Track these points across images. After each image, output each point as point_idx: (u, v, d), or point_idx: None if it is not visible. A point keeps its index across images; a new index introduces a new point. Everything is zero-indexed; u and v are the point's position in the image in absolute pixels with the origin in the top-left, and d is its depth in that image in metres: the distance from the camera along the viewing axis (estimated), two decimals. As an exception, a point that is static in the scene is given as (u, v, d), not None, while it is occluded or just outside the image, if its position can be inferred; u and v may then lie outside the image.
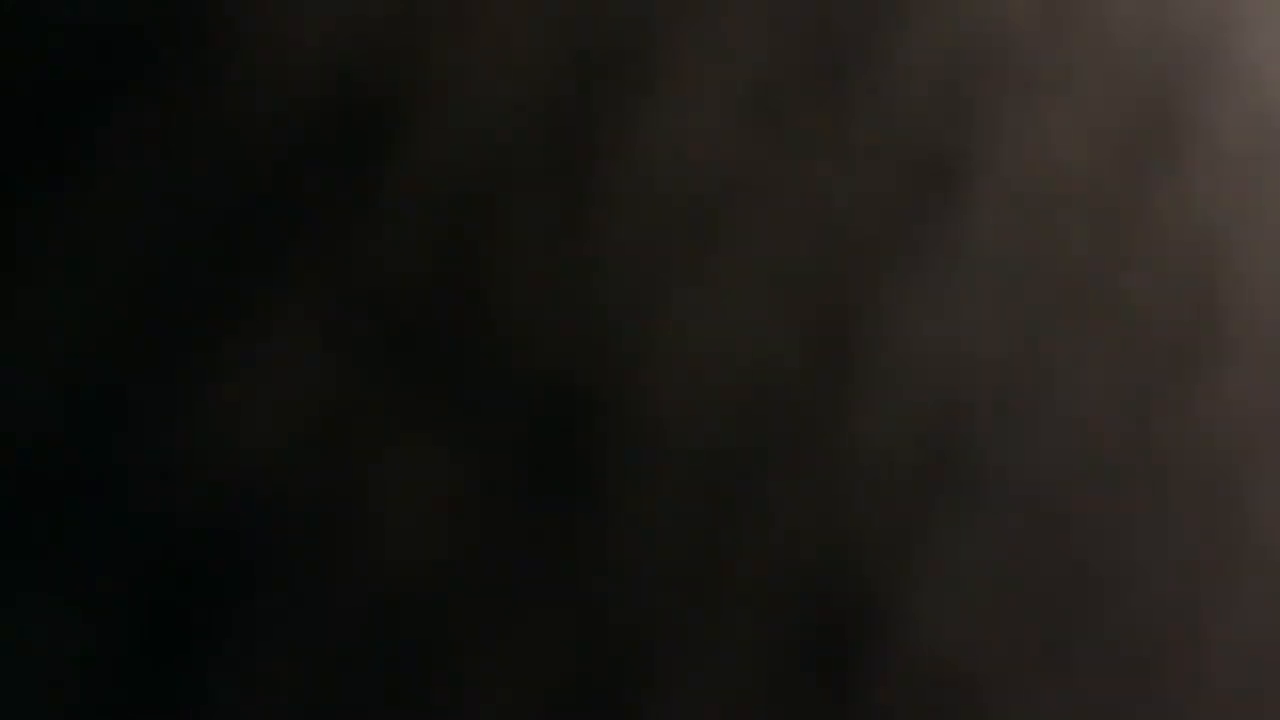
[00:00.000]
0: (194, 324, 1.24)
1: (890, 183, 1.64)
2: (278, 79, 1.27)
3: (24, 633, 1.16)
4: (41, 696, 1.16)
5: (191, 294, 1.24)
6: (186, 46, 1.24)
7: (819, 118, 1.58)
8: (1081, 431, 1.77)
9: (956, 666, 1.65)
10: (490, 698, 1.36)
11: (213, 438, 1.24)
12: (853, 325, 1.60)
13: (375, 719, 1.31)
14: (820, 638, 1.55)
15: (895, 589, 1.61)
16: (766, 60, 1.55)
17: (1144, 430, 1.83)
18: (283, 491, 1.27)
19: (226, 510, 1.24)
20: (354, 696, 1.30)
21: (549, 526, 1.40)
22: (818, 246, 1.58)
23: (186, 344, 1.23)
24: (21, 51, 1.17)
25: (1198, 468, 1.88)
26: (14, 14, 1.16)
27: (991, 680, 1.68)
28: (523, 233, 1.40)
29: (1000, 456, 1.70)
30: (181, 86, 1.23)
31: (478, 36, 1.38)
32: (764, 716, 1.52)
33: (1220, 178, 1.91)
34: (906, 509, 1.63)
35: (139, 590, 1.20)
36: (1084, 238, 1.79)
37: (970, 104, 1.70)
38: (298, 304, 1.28)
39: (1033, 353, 1.74)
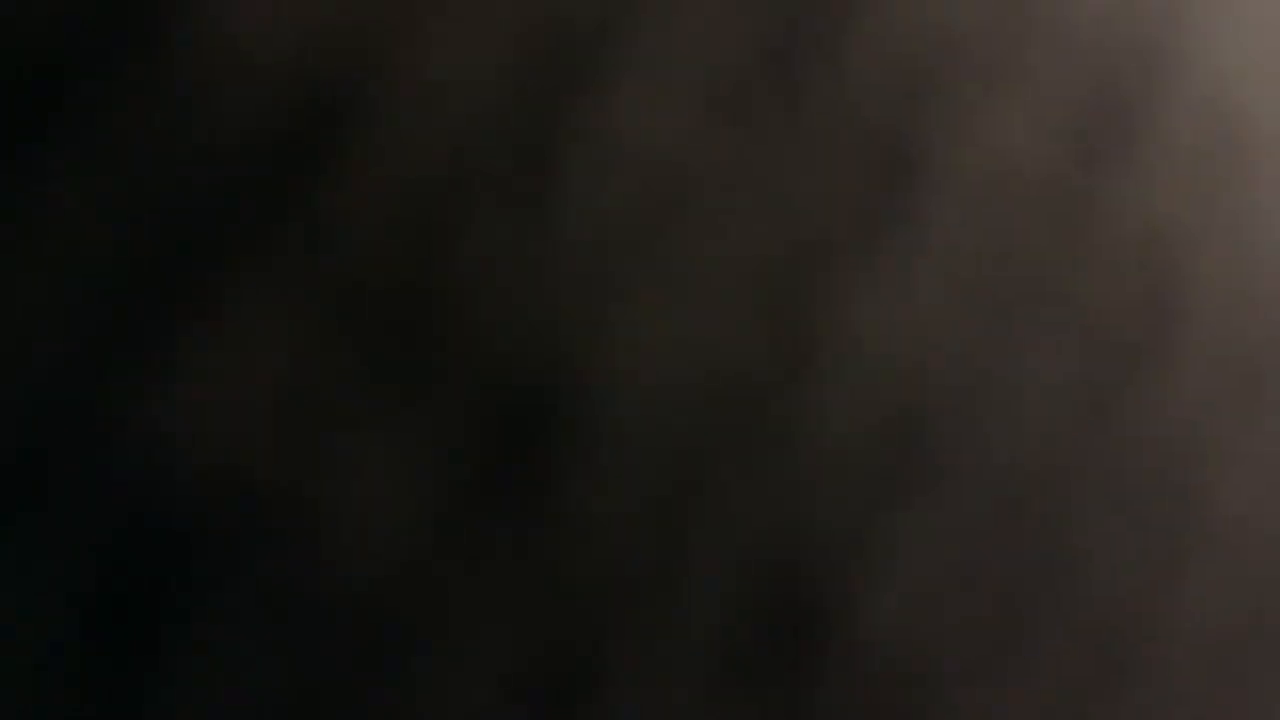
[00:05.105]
0: (157, 317, 1.24)
1: (848, 178, 1.64)
2: (242, 73, 1.27)
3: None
4: (9, 683, 1.16)
5: (154, 287, 1.23)
6: (150, 43, 1.24)
7: (779, 114, 1.59)
8: (1038, 425, 1.78)
9: (916, 661, 1.66)
10: (451, 690, 1.37)
11: (177, 429, 1.24)
12: (811, 322, 1.60)
13: (338, 708, 1.31)
14: (780, 633, 1.56)
15: (855, 584, 1.62)
16: (726, 57, 1.55)
17: (1100, 424, 1.84)
18: (246, 484, 1.27)
19: (191, 500, 1.24)
20: (316, 686, 1.30)
21: (510, 521, 1.40)
22: (777, 242, 1.58)
23: (150, 337, 1.23)
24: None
25: (1153, 460, 1.89)
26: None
27: (952, 675, 1.69)
28: (484, 230, 1.40)
29: (958, 451, 1.71)
30: (144, 79, 1.23)
31: (438, 35, 1.38)
32: (724, 711, 1.52)
33: (1175, 174, 1.92)
34: (866, 504, 1.63)
35: (105, 578, 1.20)
36: (1040, 233, 1.79)
37: (928, 101, 1.70)
38: (260, 300, 1.28)
39: (989, 347, 1.74)
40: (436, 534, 1.36)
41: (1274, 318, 2.02)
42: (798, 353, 1.59)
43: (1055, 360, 1.79)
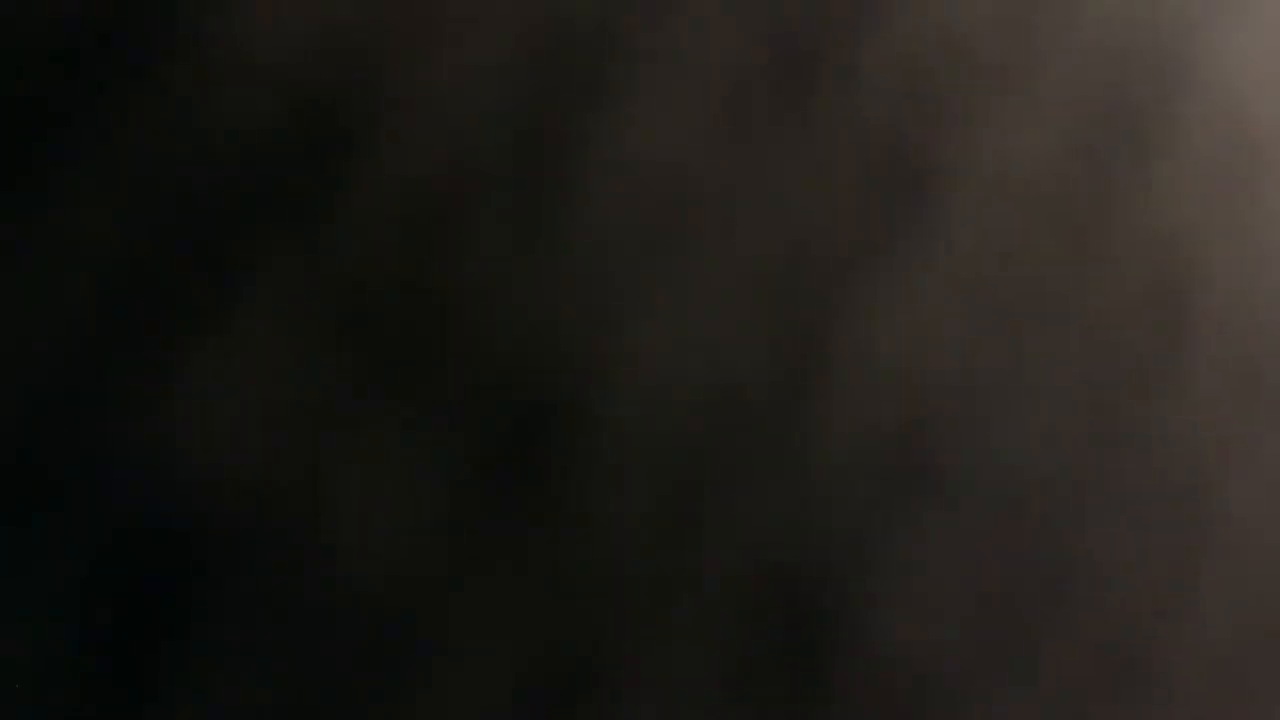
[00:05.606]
0: (157, 318, 1.24)
1: (854, 184, 1.64)
2: (242, 72, 1.28)
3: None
4: (9, 683, 1.16)
5: (154, 288, 1.24)
6: (151, 43, 1.24)
7: (785, 123, 1.59)
8: (1047, 434, 1.78)
9: (922, 668, 1.66)
10: (451, 690, 1.37)
11: (177, 430, 1.24)
12: (819, 329, 1.60)
13: (338, 708, 1.31)
14: (786, 639, 1.56)
15: (858, 587, 1.62)
16: (732, 66, 1.55)
17: (1109, 433, 1.84)
18: (247, 485, 1.27)
19: (191, 500, 1.24)
20: (316, 686, 1.30)
21: (515, 526, 1.40)
22: (784, 251, 1.58)
23: (150, 338, 1.23)
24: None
25: (1158, 465, 1.89)
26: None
27: (957, 681, 1.69)
28: (485, 232, 1.40)
29: (966, 459, 1.71)
30: (145, 79, 1.24)
31: (438, 35, 1.38)
32: (724, 712, 1.52)
33: (1186, 180, 1.92)
34: (873, 511, 1.63)
35: (105, 579, 1.20)
36: (1050, 241, 1.79)
37: (936, 109, 1.71)
38: (261, 300, 1.29)
39: (998, 355, 1.74)
40: (436, 534, 1.36)
41: None
42: (802, 357, 1.59)
43: (1061, 365, 1.79)
